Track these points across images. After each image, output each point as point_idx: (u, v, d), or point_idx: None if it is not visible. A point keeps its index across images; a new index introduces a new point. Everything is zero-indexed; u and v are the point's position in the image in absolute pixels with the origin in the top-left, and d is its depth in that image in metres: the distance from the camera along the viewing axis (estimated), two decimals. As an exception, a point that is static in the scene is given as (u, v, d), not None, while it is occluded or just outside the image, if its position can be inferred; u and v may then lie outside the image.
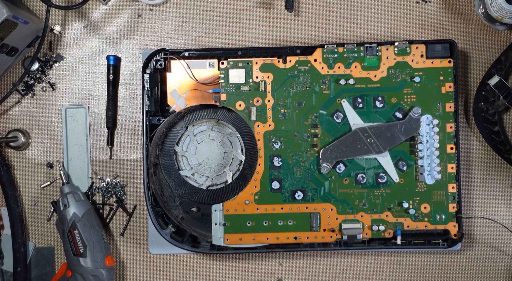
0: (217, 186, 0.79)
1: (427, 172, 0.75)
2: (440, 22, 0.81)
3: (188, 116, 0.79)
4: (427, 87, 0.76)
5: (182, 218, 0.79)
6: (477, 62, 0.81)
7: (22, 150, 0.82)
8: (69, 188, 0.79)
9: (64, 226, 0.77)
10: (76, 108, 0.82)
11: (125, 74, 0.82)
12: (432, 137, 0.75)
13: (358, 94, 0.76)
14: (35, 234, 0.82)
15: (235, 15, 0.82)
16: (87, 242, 0.76)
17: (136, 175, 0.82)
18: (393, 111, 0.76)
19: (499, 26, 0.80)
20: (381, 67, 0.76)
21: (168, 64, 0.77)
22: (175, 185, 0.79)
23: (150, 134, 0.76)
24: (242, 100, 0.76)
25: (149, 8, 0.82)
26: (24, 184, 0.82)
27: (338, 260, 0.81)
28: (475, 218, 0.80)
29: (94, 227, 0.77)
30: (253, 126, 0.76)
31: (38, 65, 0.82)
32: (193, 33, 0.82)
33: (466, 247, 0.81)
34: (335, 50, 0.76)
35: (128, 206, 0.82)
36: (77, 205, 0.77)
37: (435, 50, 0.75)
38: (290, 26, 0.81)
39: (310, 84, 0.76)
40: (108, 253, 0.78)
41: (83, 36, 0.82)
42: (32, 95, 0.82)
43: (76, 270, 0.76)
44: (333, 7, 0.81)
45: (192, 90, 0.78)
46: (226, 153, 0.79)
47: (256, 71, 0.76)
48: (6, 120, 0.82)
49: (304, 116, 0.76)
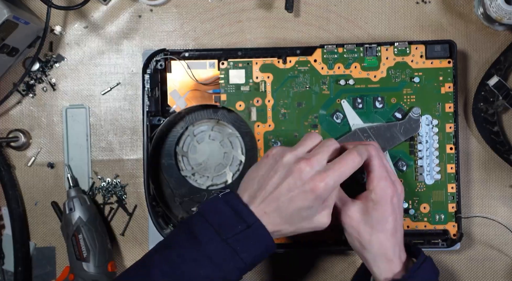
0: (217, 186, 0.79)
1: (426, 172, 0.75)
2: (440, 23, 0.81)
3: (188, 116, 0.79)
4: (427, 88, 0.76)
5: (182, 218, 0.79)
6: (477, 63, 0.81)
7: (23, 150, 0.82)
8: (76, 191, 0.79)
9: (69, 230, 0.77)
10: (76, 109, 0.82)
11: (126, 74, 0.82)
12: (431, 137, 0.76)
13: (358, 94, 0.76)
14: (35, 234, 0.82)
15: (235, 16, 0.82)
16: (91, 247, 0.76)
17: (137, 175, 0.82)
18: (393, 111, 0.76)
19: (498, 26, 0.80)
20: (381, 68, 0.76)
21: (169, 65, 0.77)
22: (175, 185, 0.79)
23: (150, 134, 0.76)
24: (242, 101, 0.76)
25: (149, 8, 0.82)
26: (25, 184, 0.82)
27: (338, 260, 0.81)
28: (474, 218, 0.80)
29: (98, 232, 0.78)
30: (253, 126, 0.76)
31: (39, 66, 0.82)
32: (193, 33, 0.82)
33: (466, 247, 0.81)
34: (335, 51, 0.76)
35: (128, 206, 0.82)
36: (83, 209, 0.78)
37: (435, 50, 0.76)
38: (290, 26, 0.81)
39: (310, 84, 0.76)
40: (111, 259, 0.78)
41: (83, 36, 0.83)
42: (33, 95, 0.82)
43: (78, 274, 0.76)
44: (332, 7, 0.81)
45: (192, 91, 0.78)
46: (226, 153, 0.79)
47: (256, 71, 0.76)
48: (6, 121, 0.82)
49: (304, 117, 0.76)
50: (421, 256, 0.65)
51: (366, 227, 0.64)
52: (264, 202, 0.61)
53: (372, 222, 0.64)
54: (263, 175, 0.63)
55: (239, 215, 0.61)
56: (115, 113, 0.82)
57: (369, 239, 0.64)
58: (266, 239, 0.61)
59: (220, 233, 0.60)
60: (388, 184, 0.64)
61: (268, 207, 0.61)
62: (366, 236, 0.64)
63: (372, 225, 0.64)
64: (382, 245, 0.64)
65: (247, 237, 0.60)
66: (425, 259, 0.65)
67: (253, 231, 0.60)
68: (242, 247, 0.60)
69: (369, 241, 0.64)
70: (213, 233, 0.60)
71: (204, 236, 0.60)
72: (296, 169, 0.60)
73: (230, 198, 0.62)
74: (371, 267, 0.65)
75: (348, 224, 0.65)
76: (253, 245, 0.60)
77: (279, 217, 0.61)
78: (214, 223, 0.60)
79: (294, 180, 0.60)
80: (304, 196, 0.60)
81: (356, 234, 0.64)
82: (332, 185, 0.60)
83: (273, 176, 0.62)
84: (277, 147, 0.64)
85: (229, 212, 0.61)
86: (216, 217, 0.61)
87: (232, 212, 0.61)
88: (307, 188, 0.60)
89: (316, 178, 0.60)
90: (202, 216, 0.61)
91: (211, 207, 0.62)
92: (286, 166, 0.61)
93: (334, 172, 0.60)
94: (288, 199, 0.61)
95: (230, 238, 0.60)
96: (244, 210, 0.61)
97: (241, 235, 0.60)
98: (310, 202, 0.60)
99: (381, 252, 0.64)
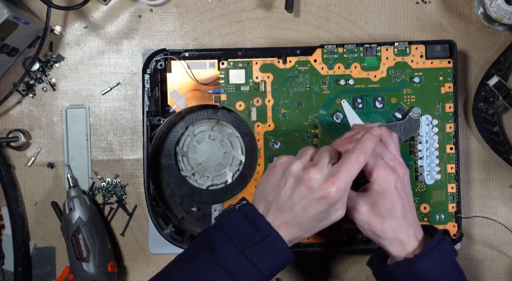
0: (217, 186, 0.79)
1: (426, 172, 0.75)
2: (440, 23, 0.81)
3: (188, 116, 0.79)
4: (427, 88, 0.76)
5: (182, 218, 0.79)
6: (477, 63, 0.81)
7: (23, 150, 0.82)
8: (76, 191, 0.79)
9: (69, 230, 0.77)
10: (76, 109, 0.82)
11: (126, 74, 0.82)
12: (431, 137, 0.76)
13: (358, 94, 0.76)
14: (35, 234, 0.82)
15: (235, 16, 0.82)
16: (91, 247, 0.76)
17: (137, 175, 0.82)
18: (393, 111, 0.76)
19: (498, 26, 0.80)
20: (381, 68, 0.76)
21: (169, 65, 0.77)
22: (175, 185, 0.79)
23: (150, 134, 0.76)
24: (242, 101, 0.76)
25: (149, 8, 0.82)
26: (25, 184, 0.82)
27: (338, 260, 0.81)
28: (474, 218, 0.80)
29: (98, 232, 0.78)
30: (253, 126, 0.76)
31: (39, 66, 0.82)
32: (193, 33, 0.82)
33: (466, 247, 0.81)
34: (335, 51, 0.76)
35: (128, 206, 0.82)
36: (83, 209, 0.78)
37: (435, 50, 0.76)
38: (290, 26, 0.81)
39: (310, 84, 0.76)
40: (111, 259, 0.78)
41: (83, 36, 0.83)
42: (33, 95, 0.82)
43: (78, 274, 0.76)
44: (333, 7, 0.81)
45: (192, 91, 0.78)
46: (226, 153, 0.79)
47: (256, 71, 0.76)
48: (6, 121, 0.82)
49: (304, 117, 0.76)
50: (438, 236, 0.65)
51: (376, 218, 0.64)
52: (279, 212, 0.62)
53: (381, 211, 0.64)
54: (274, 185, 0.63)
55: (255, 226, 0.61)
56: (115, 113, 0.82)
57: (382, 228, 0.64)
58: (283, 249, 0.61)
59: (237, 244, 0.60)
60: (388, 172, 0.64)
61: (284, 217, 0.61)
62: (378, 226, 0.65)
63: (381, 214, 0.64)
64: (395, 230, 0.64)
65: (264, 248, 0.60)
66: (441, 239, 0.65)
67: (270, 242, 0.60)
68: (260, 258, 0.60)
69: (382, 230, 0.65)
70: (230, 245, 0.60)
71: (222, 247, 0.60)
72: (306, 177, 0.61)
73: (247, 208, 0.63)
74: (388, 250, 0.66)
75: (358, 218, 0.65)
76: (270, 256, 0.61)
77: (296, 225, 0.61)
78: (231, 234, 0.61)
79: (305, 188, 0.61)
80: (318, 203, 0.60)
81: (368, 226, 0.65)
82: (343, 187, 0.61)
83: (285, 186, 0.62)
84: (283, 157, 0.64)
85: (245, 223, 0.61)
86: (233, 228, 0.61)
87: (248, 223, 0.61)
88: (319, 195, 0.60)
89: (326, 184, 0.60)
90: (219, 228, 0.62)
91: (228, 218, 0.62)
92: (296, 175, 0.62)
93: (342, 174, 0.61)
94: (302, 208, 0.61)
95: (247, 249, 0.60)
96: (260, 221, 0.61)
97: (258, 246, 0.60)
98: (325, 207, 0.61)
99: (395, 236, 0.65)
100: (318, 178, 0.60)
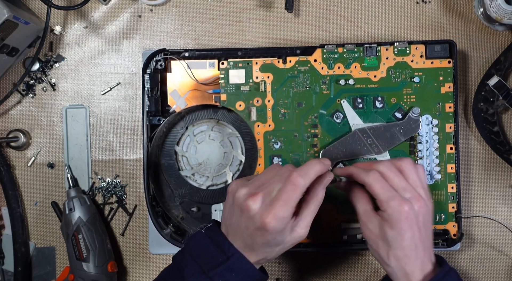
0: (217, 186, 0.79)
1: (426, 172, 0.75)
2: (440, 23, 0.81)
3: (188, 116, 0.79)
4: (427, 88, 0.76)
5: (182, 218, 0.79)
6: (477, 63, 0.81)
7: (23, 150, 0.82)
8: (75, 191, 0.79)
9: (69, 230, 0.77)
10: (76, 109, 0.82)
11: (126, 74, 0.82)
12: (431, 137, 0.76)
13: (358, 94, 0.76)
14: (35, 234, 0.82)
15: (235, 16, 0.82)
16: (91, 247, 0.76)
17: (136, 175, 0.82)
18: (393, 111, 0.76)
19: (498, 26, 0.80)
20: (381, 68, 0.76)
21: (168, 65, 0.77)
22: (175, 185, 0.79)
23: (150, 134, 0.76)
24: (242, 101, 0.76)
25: (149, 8, 0.82)
26: (25, 184, 0.82)
27: (338, 260, 0.81)
28: (474, 218, 0.80)
29: (98, 232, 0.78)
30: (253, 126, 0.76)
31: (39, 66, 0.82)
32: (193, 33, 0.82)
33: (466, 247, 0.81)
34: (335, 51, 0.76)
35: (128, 206, 0.82)
36: (82, 209, 0.78)
37: (435, 50, 0.76)
38: (290, 26, 0.81)
39: (310, 84, 0.76)
40: (111, 259, 0.78)
41: (83, 36, 0.83)
42: (33, 95, 0.82)
43: (78, 274, 0.76)
44: (333, 7, 0.81)
45: (192, 91, 0.78)
46: (226, 153, 0.79)
47: (256, 71, 0.76)
48: (6, 121, 0.82)
49: (304, 117, 0.76)
50: (444, 268, 0.63)
51: (384, 243, 0.63)
52: (235, 236, 0.62)
53: (388, 239, 0.62)
54: (228, 211, 0.63)
55: (220, 247, 0.61)
56: (115, 113, 0.82)
57: (387, 255, 0.63)
58: (248, 269, 0.61)
59: (202, 267, 0.60)
60: (399, 203, 0.61)
61: (239, 242, 0.62)
62: (383, 252, 0.63)
63: (388, 242, 0.62)
64: (400, 261, 0.62)
65: (227, 269, 0.60)
66: (448, 271, 0.63)
67: (232, 263, 0.60)
68: (224, 279, 0.60)
69: (387, 256, 0.63)
70: (196, 267, 0.61)
71: (188, 270, 0.61)
72: (245, 207, 0.60)
73: (212, 231, 0.63)
74: (393, 279, 0.64)
75: (368, 236, 0.64)
76: (234, 277, 0.60)
77: (251, 250, 0.61)
78: (197, 258, 0.61)
79: (246, 218, 0.60)
80: (260, 233, 0.60)
81: (376, 247, 0.64)
82: (282, 215, 0.59)
83: (233, 214, 0.62)
84: (234, 182, 0.64)
85: (211, 245, 0.61)
86: (199, 251, 0.62)
87: (214, 245, 0.61)
88: (258, 226, 0.59)
89: (263, 214, 0.59)
90: (188, 252, 0.62)
91: (195, 241, 0.63)
92: (239, 203, 0.61)
93: (279, 202, 0.59)
94: (249, 236, 0.61)
95: (211, 270, 0.60)
96: (224, 242, 0.61)
97: (221, 267, 0.60)
98: (268, 237, 0.60)
99: (400, 266, 0.63)
100: (256, 208, 0.60)
